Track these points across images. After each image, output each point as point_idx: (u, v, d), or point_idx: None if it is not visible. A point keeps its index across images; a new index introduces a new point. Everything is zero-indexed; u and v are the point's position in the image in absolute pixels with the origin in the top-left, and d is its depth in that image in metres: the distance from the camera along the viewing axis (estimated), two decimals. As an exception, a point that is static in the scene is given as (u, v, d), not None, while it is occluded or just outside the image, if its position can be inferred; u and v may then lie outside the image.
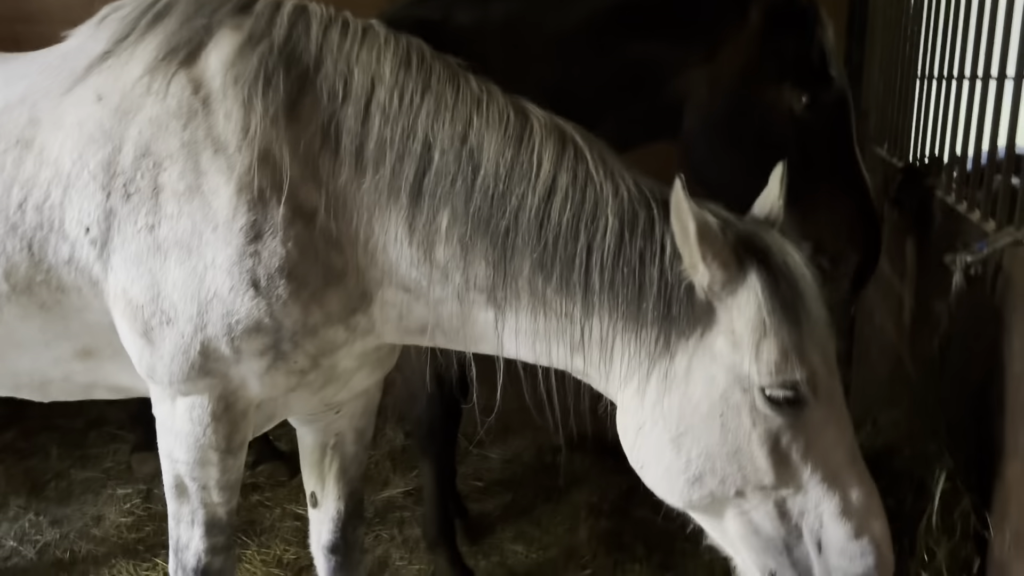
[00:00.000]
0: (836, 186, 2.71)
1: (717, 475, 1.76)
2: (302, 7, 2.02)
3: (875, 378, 3.31)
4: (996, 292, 1.95)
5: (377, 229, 1.91)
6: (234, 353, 1.93)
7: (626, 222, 1.80)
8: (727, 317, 1.74)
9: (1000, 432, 1.89)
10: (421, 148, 1.87)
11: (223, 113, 1.92)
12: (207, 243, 1.89)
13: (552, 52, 2.92)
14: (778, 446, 1.73)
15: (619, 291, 1.78)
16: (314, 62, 1.94)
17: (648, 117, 2.95)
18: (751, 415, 1.72)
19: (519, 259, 1.83)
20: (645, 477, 1.85)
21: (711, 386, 1.75)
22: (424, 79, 1.92)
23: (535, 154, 1.86)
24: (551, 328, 1.87)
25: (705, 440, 1.75)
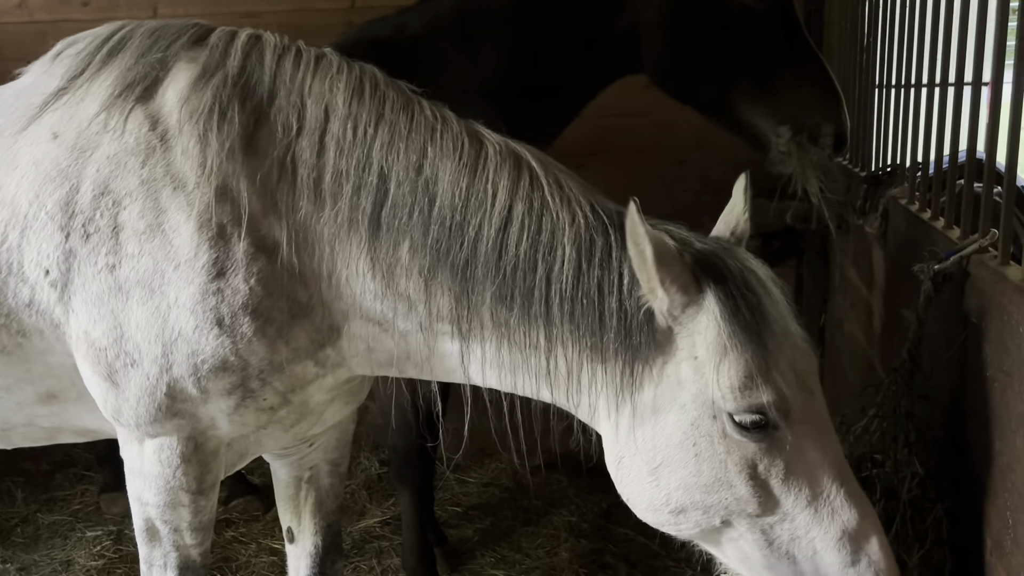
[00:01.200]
0: (798, 67, 2.94)
1: (699, 506, 1.72)
2: (256, 36, 2.00)
3: (847, 386, 3.33)
4: (965, 299, 1.97)
5: (339, 262, 1.89)
6: (201, 393, 1.89)
7: (583, 251, 1.77)
8: (689, 343, 1.71)
9: (975, 438, 1.89)
10: (377, 180, 1.86)
11: (181, 149, 1.89)
12: (170, 282, 1.86)
13: (509, 20, 3.03)
14: (756, 472, 1.68)
15: (579, 322, 1.75)
16: (268, 94, 1.92)
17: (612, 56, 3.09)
18: (724, 442, 1.68)
19: (480, 290, 1.81)
20: (634, 509, 1.82)
21: (681, 414, 1.71)
22: (378, 108, 1.91)
23: (490, 183, 1.83)
24: (517, 359, 1.84)
25: (682, 471, 1.71)
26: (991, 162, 2.02)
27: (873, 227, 2.76)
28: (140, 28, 2.04)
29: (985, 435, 1.84)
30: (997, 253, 1.89)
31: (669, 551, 3.58)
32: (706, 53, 2.96)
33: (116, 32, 2.05)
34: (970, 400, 1.93)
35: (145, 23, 2.07)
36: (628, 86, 3.38)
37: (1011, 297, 1.72)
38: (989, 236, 1.95)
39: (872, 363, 2.91)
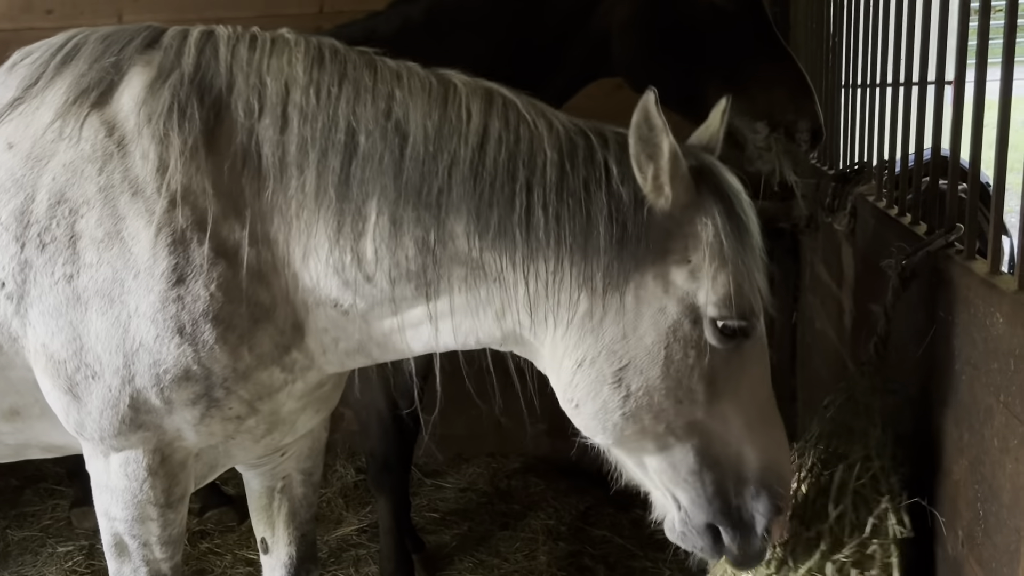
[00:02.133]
0: (770, 64, 2.96)
1: (653, 409, 1.77)
2: (208, 32, 1.96)
3: (819, 383, 3.35)
4: (932, 293, 1.99)
5: (304, 241, 1.85)
6: (165, 404, 1.86)
7: (565, 153, 1.77)
8: (682, 245, 1.73)
9: (945, 431, 1.91)
10: (345, 136, 1.82)
11: (139, 153, 1.86)
12: (129, 291, 1.82)
13: (482, 25, 3.04)
14: (715, 381, 1.76)
15: (565, 224, 1.74)
16: (226, 84, 1.89)
17: (585, 58, 3.11)
18: (697, 348, 1.74)
19: (454, 217, 1.77)
20: (577, 415, 1.84)
21: (660, 318, 1.73)
22: (339, 70, 1.88)
23: (463, 109, 1.82)
24: (484, 295, 1.81)
25: (647, 373, 1.74)
26: (955, 159, 2.04)
27: (842, 225, 2.78)
28: (94, 34, 2.01)
29: (955, 428, 1.86)
30: (963, 248, 1.91)
31: (647, 551, 3.59)
32: (677, 53, 2.98)
33: (70, 40, 2.02)
34: (939, 393, 1.94)
35: (99, 29, 2.04)
36: (597, 89, 3.38)
37: (976, 291, 1.74)
38: (955, 231, 1.97)
39: (844, 360, 2.93)
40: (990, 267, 1.75)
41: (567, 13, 3.03)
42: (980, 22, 1.86)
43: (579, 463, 4.45)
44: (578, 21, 3.03)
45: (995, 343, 1.64)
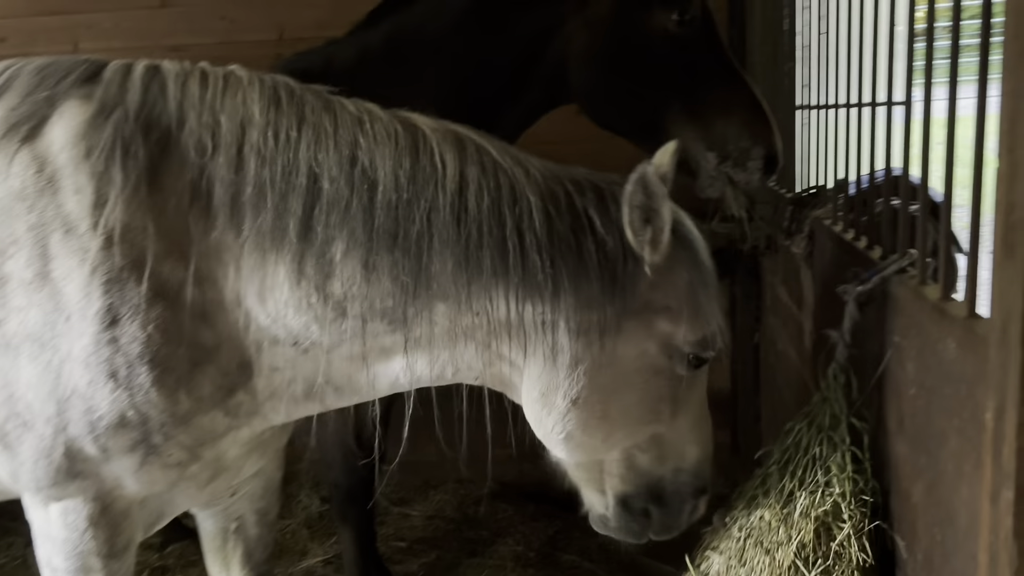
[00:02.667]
0: (725, 90, 2.98)
1: (630, 432, 2.00)
2: (154, 67, 1.92)
3: (782, 404, 3.38)
4: (887, 318, 2.01)
5: (259, 279, 1.81)
6: (101, 452, 1.81)
7: (548, 199, 1.83)
8: (662, 293, 1.90)
9: (902, 455, 1.93)
10: (307, 181, 1.80)
11: (73, 190, 1.80)
12: (61, 334, 1.76)
13: (441, 54, 3.04)
14: (677, 398, 2.00)
15: (561, 268, 1.81)
16: (176, 121, 1.85)
17: (544, 86, 3.13)
18: (670, 378, 1.96)
19: (438, 261, 1.79)
20: (563, 443, 1.98)
21: (643, 357, 1.92)
22: (298, 113, 1.87)
23: (435, 156, 1.84)
24: (466, 330, 1.86)
25: (628, 405, 1.95)
26: (907, 180, 2.07)
27: (800, 248, 2.81)
28: (28, 67, 1.95)
29: (912, 451, 1.87)
30: (915, 273, 1.94)
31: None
32: (633, 81, 3.00)
33: (3, 72, 1.97)
34: (897, 417, 1.96)
35: (34, 61, 1.98)
36: (557, 114, 3.40)
37: (929, 316, 1.76)
38: (908, 256, 1.99)
39: (805, 381, 2.95)
40: (941, 293, 1.78)
41: (526, 42, 3.04)
42: (926, 43, 1.89)
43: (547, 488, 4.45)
44: (536, 49, 3.04)
45: (948, 368, 1.66)
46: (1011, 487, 1.34)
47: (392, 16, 3.15)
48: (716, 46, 3.03)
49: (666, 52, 2.95)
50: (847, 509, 1.95)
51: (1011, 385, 1.30)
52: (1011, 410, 1.31)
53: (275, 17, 4.49)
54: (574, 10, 3.00)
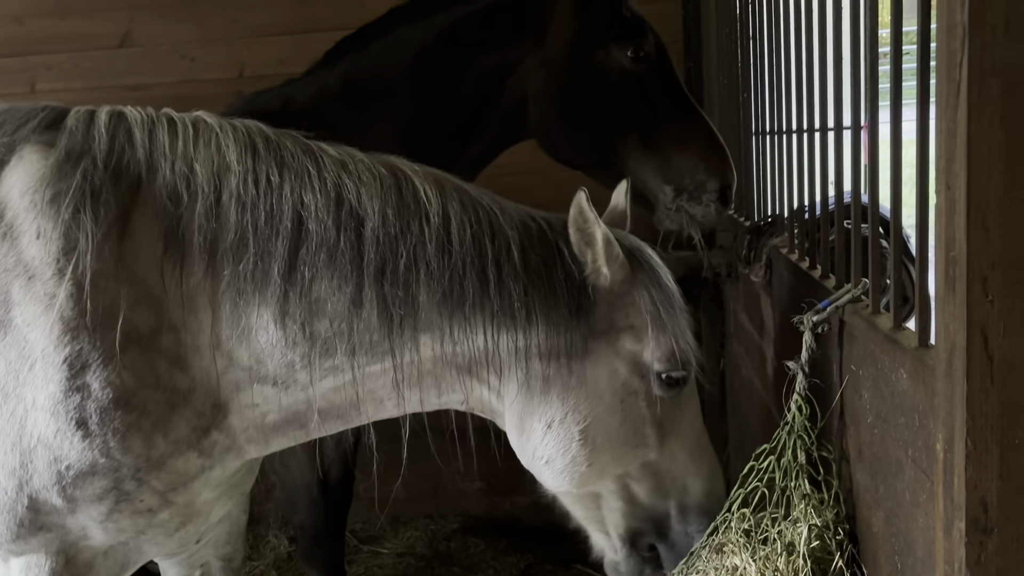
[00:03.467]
0: (681, 124, 3.05)
1: (615, 456, 2.01)
2: (118, 113, 1.93)
3: (748, 429, 3.39)
4: (844, 347, 2.03)
5: (240, 323, 1.83)
6: (68, 503, 1.79)
7: (523, 233, 1.93)
8: (625, 314, 1.98)
9: (863, 484, 1.94)
10: (292, 224, 1.84)
11: (34, 235, 1.79)
12: (25, 383, 1.75)
13: (399, 94, 3.06)
14: (663, 424, 2.03)
15: (534, 297, 1.90)
16: (146, 170, 1.85)
17: (504, 123, 3.15)
18: (646, 398, 2.00)
19: (425, 292, 1.86)
20: (546, 470, 2.04)
21: (614, 377, 1.98)
22: (276, 158, 1.90)
23: (419, 193, 1.91)
24: (451, 358, 1.93)
25: (608, 426, 1.98)
26: (858, 210, 2.10)
27: (758, 276, 2.84)
28: None
29: (872, 481, 1.89)
30: (868, 302, 1.96)
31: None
32: (590, 117, 3.04)
33: None
34: (856, 447, 1.98)
35: None
36: (522, 147, 3.43)
37: (882, 346, 1.78)
38: (861, 285, 2.02)
39: (769, 407, 2.97)
40: (893, 323, 1.80)
41: (484, 81, 3.07)
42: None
43: (518, 521, 4.43)
44: (494, 88, 3.07)
45: (900, 398, 1.68)
46: (963, 518, 1.35)
47: (349, 56, 3.16)
48: (671, 81, 3.08)
49: (622, 87, 3.00)
50: (833, 540, 1.96)
51: (958, 418, 1.32)
52: (959, 442, 1.33)
53: (236, 55, 4.49)
54: (531, 48, 3.04)
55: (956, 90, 1.23)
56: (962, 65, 1.21)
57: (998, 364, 1.28)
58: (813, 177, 2.48)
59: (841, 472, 2.09)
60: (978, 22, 1.19)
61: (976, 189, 1.24)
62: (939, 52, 1.28)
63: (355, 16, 3.54)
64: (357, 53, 3.14)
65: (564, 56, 3.02)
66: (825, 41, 2.30)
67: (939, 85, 1.29)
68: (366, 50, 3.13)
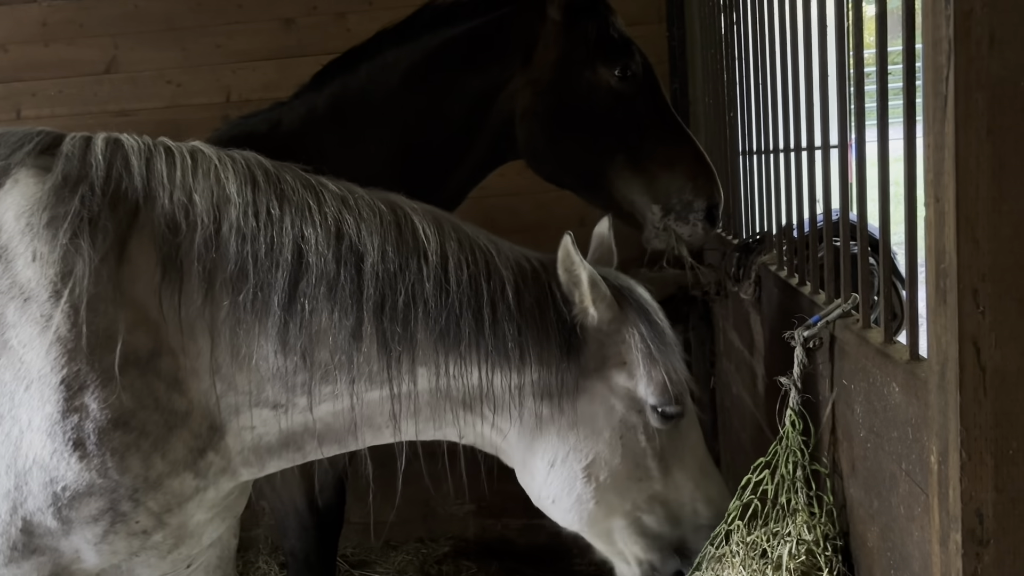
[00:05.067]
0: (668, 143, 3.06)
1: (619, 492, 2.03)
2: (114, 140, 1.94)
3: (740, 447, 3.39)
4: (834, 362, 2.04)
5: (243, 348, 1.84)
6: (63, 524, 1.78)
7: (517, 274, 1.96)
8: (616, 351, 2.01)
9: (856, 500, 1.94)
10: (292, 256, 1.85)
11: (30, 257, 1.79)
12: (21, 404, 1.74)
13: (387, 116, 3.07)
14: (664, 455, 2.05)
15: (527, 337, 1.92)
16: (144, 197, 1.86)
17: (493, 143, 3.16)
18: (645, 432, 2.02)
19: (422, 330, 1.88)
20: (555, 509, 2.07)
21: (611, 414, 2.00)
22: (277, 191, 1.91)
23: (418, 231, 1.93)
24: (447, 392, 1.95)
25: (610, 463, 2.01)
26: (846, 226, 2.12)
27: (748, 294, 2.85)
28: None
29: (866, 495, 1.89)
30: (858, 317, 1.97)
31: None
32: (578, 137, 3.06)
33: None
34: (849, 461, 1.98)
35: None
36: (510, 167, 3.45)
37: (873, 360, 1.79)
38: (851, 300, 2.03)
39: (760, 425, 2.97)
40: (884, 336, 1.81)
41: (472, 101, 3.08)
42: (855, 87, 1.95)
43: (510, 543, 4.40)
44: (482, 109, 3.09)
45: (893, 412, 1.68)
46: (959, 530, 1.35)
47: (337, 78, 3.17)
48: (658, 100, 3.10)
49: (609, 107, 3.01)
50: (823, 556, 1.95)
51: (952, 430, 1.32)
52: (953, 454, 1.33)
53: (221, 80, 4.50)
54: (519, 68, 3.06)
55: (943, 104, 1.25)
56: (949, 80, 1.23)
57: (991, 375, 1.29)
58: (801, 195, 2.50)
59: (834, 487, 2.09)
60: (963, 37, 1.21)
61: (965, 201, 1.25)
62: (925, 67, 1.30)
63: (341, 41, 3.56)
64: (345, 76, 3.15)
65: (551, 76, 3.04)
66: (811, 61, 2.32)
67: (926, 99, 1.30)
68: (354, 73, 3.14)
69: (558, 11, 3.04)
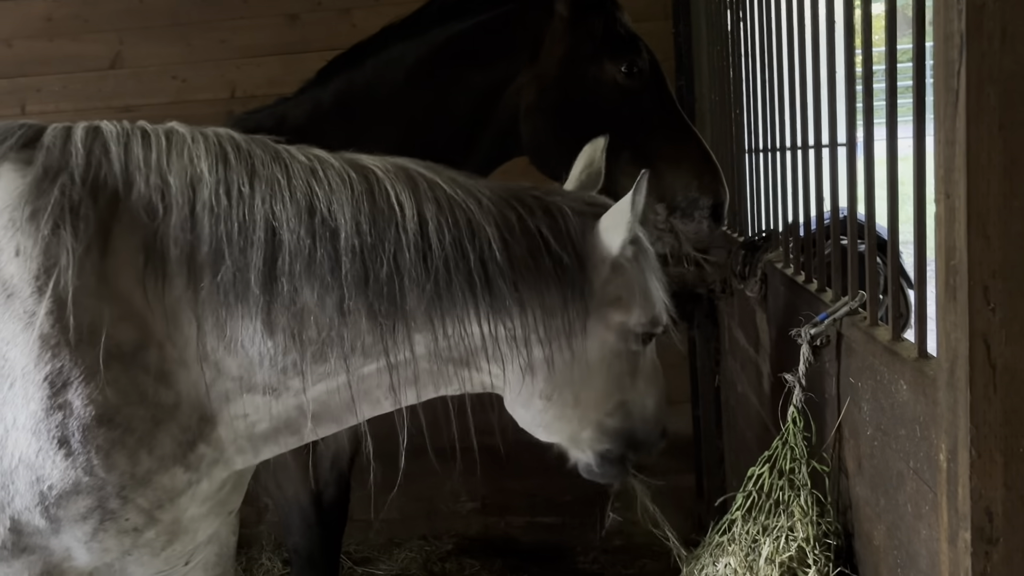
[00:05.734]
0: (674, 141, 3.04)
1: (602, 408, 2.14)
2: (94, 128, 1.91)
3: (744, 445, 3.38)
4: (842, 360, 2.03)
5: (229, 332, 1.81)
6: (51, 523, 1.75)
7: (503, 227, 1.91)
8: (615, 287, 2.03)
9: (863, 497, 1.93)
10: (265, 234, 1.81)
11: (13, 253, 1.76)
12: (5, 402, 1.72)
13: (393, 111, 3.06)
14: (637, 368, 2.15)
15: (523, 290, 1.91)
16: (123, 183, 1.84)
17: (498, 139, 3.16)
18: (628, 356, 2.11)
19: (411, 299, 1.84)
20: (541, 431, 2.17)
21: (604, 346, 2.06)
22: (247, 167, 1.88)
23: (392, 198, 1.88)
24: (446, 352, 1.94)
25: (597, 388, 2.10)
26: (853, 223, 2.11)
27: (753, 291, 2.84)
28: None
29: (872, 493, 1.88)
30: (866, 314, 1.96)
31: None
32: (583, 133, 3.03)
33: None
34: (855, 459, 1.97)
35: None
36: (512, 165, 3.43)
37: (881, 358, 1.78)
38: (858, 298, 2.02)
39: (765, 423, 2.96)
40: (892, 334, 1.80)
41: (477, 97, 3.07)
42: (864, 85, 1.94)
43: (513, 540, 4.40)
44: (488, 104, 3.07)
45: (901, 410, 1.67)
46: (968, 528, 1.34)
47: (343, 74, 3.16)
48: (664, 97, 3.09)
49: (615, 104, 3.00)
50: (811, 554, 1.95)
51: (961, 427, 1.31)
52: (963, 451, 1.32)
53: (226, 75, 4.49)
54: (525, 64, 3.04)
55: (955, 99, 1.24)
56: (960, 74, 1.22)
57: (1000, 372, 1.28)
58: (808, 192, 2.49)
59: (839, 485, 2.08)
60: (975, 31, 1.20)
61: (976, 197, 1.24)
62: (936, 62, 1.29)
63: (346, 36, 3.55)
64: (351, 71, 3.15)
65: (557, 71, 3.02)
66: (819, 57, 2.31)
67: (937, 95, 1.29)
68: (360, 68, 3.13)
69: (565, 7, 3.03)
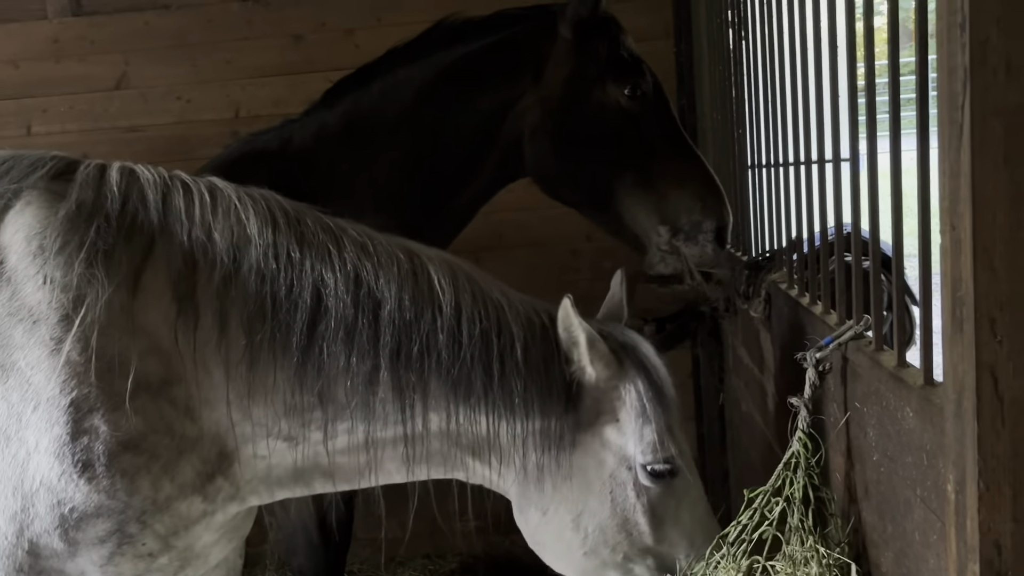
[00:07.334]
0: (677, 163, 3.05)
1: (609, 544, 2.05)
2: (130, 172, 1.95)
3: (748, 464, 3.37)
4: (846, 384, 2.02)
5: (255, 385, 1.86)
6: (69, 546, 1.78)
7: (527, 329, 1.99)
8: (611, 408, 2.04)
9: (869, 524, 1.92)
10: (311, 300, 1.87)
11: (40, 280, 1.79)
12: (28, 425, 1.75)
13: (398, 133, 3.08)
14: (656, 511, 2.06)
15: (532, 392, 1.97)
16: (159, 231, 1.88)
17: (503, 161, 3.18)
18: (635, 488, 2.04)
19: (435, 380, 1.92)
20: (546, 554, 2.13)
21: (601, 468, 2.03)
22: (297, 234, 1.94)
23: (435, 281, 1.97)
24: (455, 437, 1.99)
25: (599, 515, 2.04)
26: (858, 245, 2.10)
27: (758, 312, 2.84)
28: None
29: (879, 520, 1.87)
30: (871, 339, 1.95)
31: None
32: (586, 155, 3.05)
33: None
34: (862, 485, 1.96)
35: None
36: (517, 183, 3.44)
37: (886, 384, 1.77)
38: (863, 322, 2.01)
39: (770, 442, 2.95)
40: (897, 360, 1.79)
41: (482, 119, 3.09)
42: (867, 98, 1.93)
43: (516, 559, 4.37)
44: (493, 126, 3.09)
45: (907, 437, 1.67)
46: (976, 560, 1.34)
47: (349, 95, 3.18)
48: (667, 119, 3.10)
49: (618, 125, 3.01)
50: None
51: (969, 459, 1.31)
52: (971, 484, 1.31)
53: (231, 96, 4.51)
54: (529, 87, 3.06)
55: (959, 132, 1.24)
56: (964, 107, 1.22)
57: (1008, 405, 1.28)
58: (812, 210, 2.49)
59: (845, 511, 2.07)
60: (979, 65, 1.20)
61: (982, 230, 1.24)
62: (940, 94, 1.29)
63: (349, 56, 3.57)
64: (357, 93, 3.16)
65: (561, 93, 3.04)
66: (821, 74, 2.31)
67: (941, 127, 1.29)
68: (366, 90, 3.15)
69: (569, 30, 3.05)
